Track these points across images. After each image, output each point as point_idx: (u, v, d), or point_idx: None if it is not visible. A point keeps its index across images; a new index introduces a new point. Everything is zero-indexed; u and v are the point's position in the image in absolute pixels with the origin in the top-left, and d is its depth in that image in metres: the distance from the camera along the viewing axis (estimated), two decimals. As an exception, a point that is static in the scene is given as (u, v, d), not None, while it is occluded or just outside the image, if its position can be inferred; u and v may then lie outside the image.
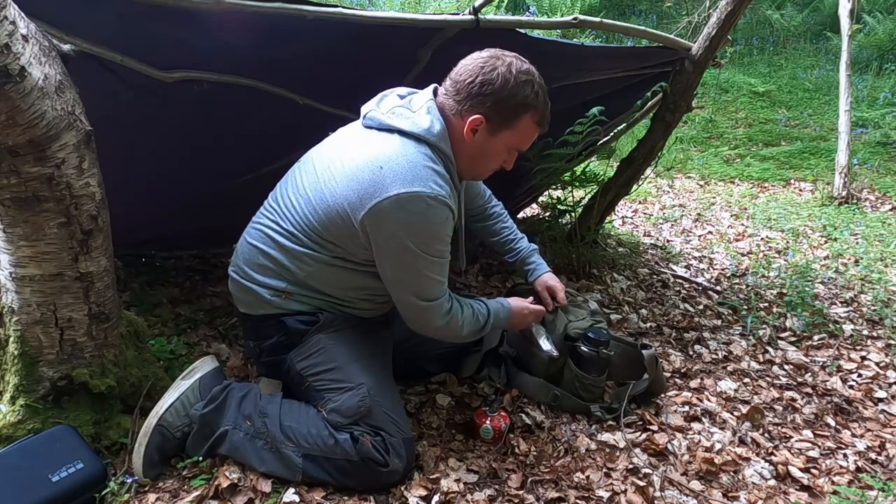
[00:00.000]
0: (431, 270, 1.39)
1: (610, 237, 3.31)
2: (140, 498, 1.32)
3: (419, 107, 1.40)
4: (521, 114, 1.38)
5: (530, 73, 1.37)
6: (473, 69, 1.36)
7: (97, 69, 1.42)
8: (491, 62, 1.35)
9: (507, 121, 1.38)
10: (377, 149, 1.35)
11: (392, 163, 1.31)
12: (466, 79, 1.36)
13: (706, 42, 2.22)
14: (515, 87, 1.34)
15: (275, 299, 1.48)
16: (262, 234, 1.49)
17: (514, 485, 1.45)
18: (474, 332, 1.56)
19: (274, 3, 1.36)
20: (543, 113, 1.41)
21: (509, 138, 1.42)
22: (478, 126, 1.38)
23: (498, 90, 1.34)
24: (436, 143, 1.36)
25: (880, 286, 2.84)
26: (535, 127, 1.43)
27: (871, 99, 6.72)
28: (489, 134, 1.40)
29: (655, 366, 1.77)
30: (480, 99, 1.35)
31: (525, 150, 1.49)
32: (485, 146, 1.42)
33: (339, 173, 1.37)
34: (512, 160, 1.50)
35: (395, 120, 1.37)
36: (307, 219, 1.42)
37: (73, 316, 1.36)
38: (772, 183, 5.33)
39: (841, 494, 1.47)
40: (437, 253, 1.38)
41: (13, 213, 1.24)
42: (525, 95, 1.35)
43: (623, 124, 2.82)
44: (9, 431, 1.34)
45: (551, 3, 7.91)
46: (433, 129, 1.36)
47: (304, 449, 1.37)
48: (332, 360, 1.46)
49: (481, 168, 1.49)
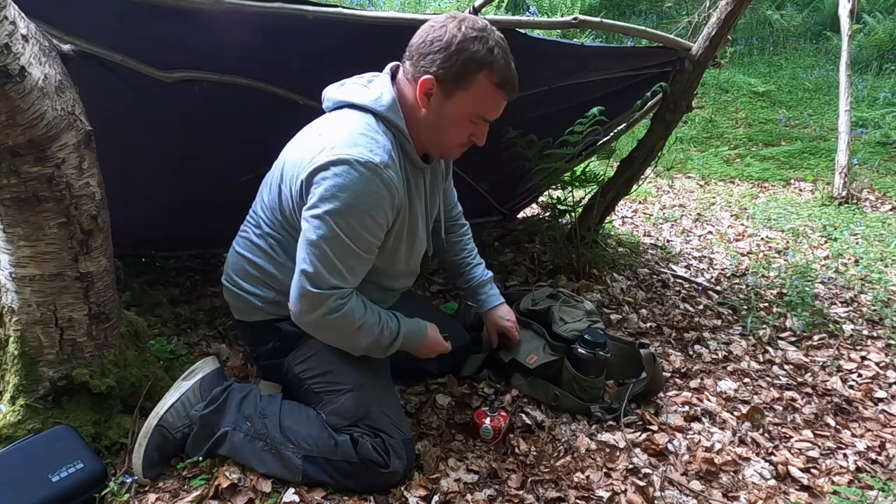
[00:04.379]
0: (335, 250, 1.26)
1: (610, 237, 3.31)
2: (140, 498, 1.32)
3: (374, 83, 1.37)
4: (474, 71, 1.26)
5: (485, 30, 1.27)
6: (426, 28, 1.29)
7: (97, 69, 1.42)
8: (442, 20, 1.28)
9: (459, 80, 1.27)
10: (322, 124, 1.35)
11: (330, 132, 1.29)
12: (418, 39, 1.29)
13: (706, 42, 2.22)
14: (464, 42, 1.24)
15: (266, 306, 1.49)
16: (247, 242, 1.50)
17: (514, 485, 1.45)
18: (376, 347, 1.42)
19: (274, 3, 1.36)
20: (503, 74, 1.28)
21: (468, 102, 1.30)
22: (430, 89, 1.29)
23: (445, 46, 1.25)
24: (383, 112, 1.31)
25: (880, 286, 2.84)
26: (495, 90, 1.30)
27: (871, 99, 6.72)
28: (443, 97, 1.30)
29: (653, 363, 1.77)
30: (431, 58, 1.26)
31: (492, 119, 1.36)
32: (441, 111, 1.32)
33: (289, 159, 1.37)
34: (481, 133, 1.38)
35: (346, 94, 1.35)
36: (276, 216, 1.41)
37: (73, 316, 1.36)
38: (772, 183, 5.32)
39: (841, 494, 1.47)
40: (350, 232, 1.26)
41: (13, 213, 1.24)
42: (475, 51, 1.24)
43: (623, 124, 2.82)
44: (9, 431, 1.34)
45: (551, 3, 7.91)
46: (381, 100, 1.31)
47: (303, 450, 1.37)
48: (328, 363, 1.46)
49: (443, 139, 1.38)
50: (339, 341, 1.42)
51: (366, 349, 1.43)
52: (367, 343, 1.40)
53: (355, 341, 1.40)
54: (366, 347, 1.42)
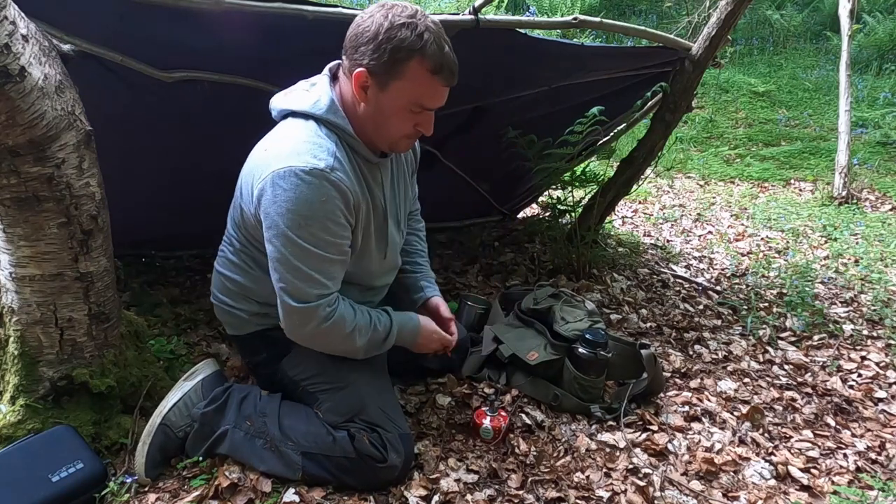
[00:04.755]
0: (306, 262, 1.26)
1: (610, 237, 3.31)
2: (140, 498, 1.32)
3: (315, 86, 1.35)
4: (405, 60, 1.22)
5: (415, 16, 1.22)
6: (356, 21, 1.25)
7: (97, 69, 1.42)
8: (371, 10, 1.23)
9: (391, 70, 1.23)
10: (268, 136, 1.35)
11: (274, 144, 1.29)
12: (350, 33, 1.26)
13: (706, 42, 2.22)
14: (391, 31, 1.20)
15: (254, 318, 1.51)
16: (224, 260, 1.53)
17: (514, 485, 1.45)
18: (373, 345, 1.42)
19: (274, 3, 1.36)
20: (437, 59, 1.22)
21: (404, 92, 1.26)
22: (364, 82, 1.25)
23: (373, 36, 1.21)
24: (322, 115, 1.29)
25: (880, 286, 2.84)
26: (431, 77, 1.24)
27: (871, 99, 6.72)
28: (379, 88, 1.26)
29: (654, 364, 1.77)
30: (361, 50, 1.23)
31: (434, 107, 1.32)
32: (379, 103, 1.28)
33: (243, 175, 1.37)
34: (427, 122, 1.33)
35: (289, 103, 1.35)
36: (242, 232, 1.43)
37: (73, 316, 1.36)
38: (772, 183, 5.32)
39: (841, 494, 1.47)
40: (312, 240, 1.25)
41: (13, 213, 1.24)
42: (403, 38, 1.20)
43: (623, 124, 2.82)
44: (9, 431, 1.34)
45: (551, 3, 7.91)
46: (319, 103, 1.30)
47: (302, 447, 1.37)
48: (321, 364, 1.47)
49: (386, 131, 1.33)
50: (337, 348, 1.42)
51: (365, 350, 1.42)
52: (364, 343, 1.40)
53: (352, 344, 1.39)
54: (364, 348, 1.42)
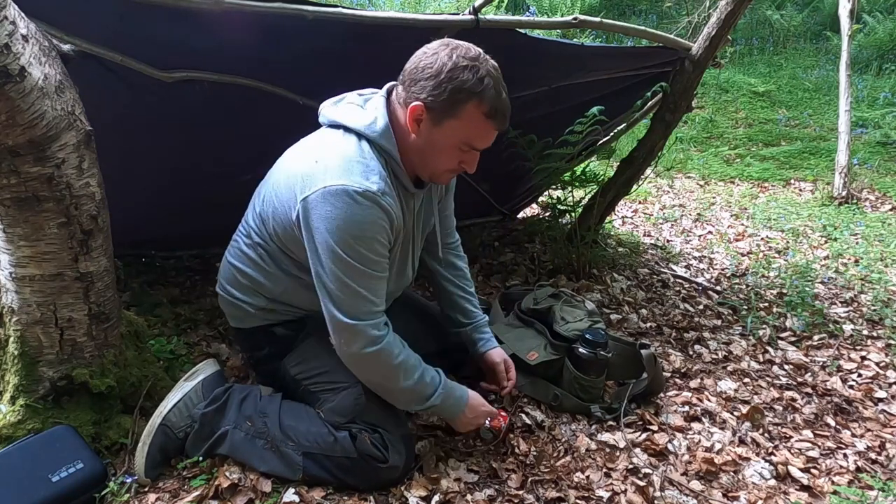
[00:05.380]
0: (355, 280, 1.27)
1: (610, 237, 3.31)
2: (140, 498, 1.32)
3: (371, 104, 1.35)
4: (463, 101, 1.25)
5: (478, 59, 1.25)
6: (419, 54, 1.28)
7: (97, 69, 1.42)
8: (435, 47, 1.27)
9: (448, 108, 1.26)
10: (317, 145, 1.34)
11: (326, 157, 1.28)
12: (411, 65, 1.28)
13: (706, 42, 2.22)
14: (454, 71, 1.23)
15: (259, 313, 1.50)
16: (238, 252, 1.51)
17: (514, 485, 1.45)
18: (414, 395, 1.39)
19: (274, 3, 1.36)
20: (493, 104, 1.26)
21: (457, 131, 1.29)
22: (420, 116, 1.28)
23: (436, 74, 1.23)
24: (376, 139, 1.30)
25: (880, 286, 2.84)
26: (485, 120, 1.28)
27: (871, 99, 6.72)
28: (433, 123, 1.28)
29: (654, 364, 1.77)
30: (421, 85, 1.25)
31: (482, 148, 1.35)
32: (430, 138, 1.30)
33: (283, 175, 1.36)
34: (472, 161, 1.37)
35: (341, 116, 1.34)
36: (268, 227, 1.41)
37: (73, 316, 1.36)
38: (772, 183, 5.32)
39: (841, 494, 1.47)
40: (361, 258, 1.27)
41: (13, 213, 1.24)
42: (464, 80, 1.23)
43: (623, 124, 2.82)
44: (9, 431, 1.34)
45: (551, 3, 7.91)
46: (375, 126, 1.31)
47: (303, 447, 1.37)
48: (324, 364, 1.46)
49: (432, 165, 1.36)
50: (380, 381, 1.39)
51: (407, 395, 1.40)
52: (408, 385, 1.37)
53: (396, 382, 1.36)
54: (407, 392, 1.38)
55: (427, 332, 1.72)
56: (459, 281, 1.73)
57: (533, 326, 1.89)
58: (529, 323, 1.91)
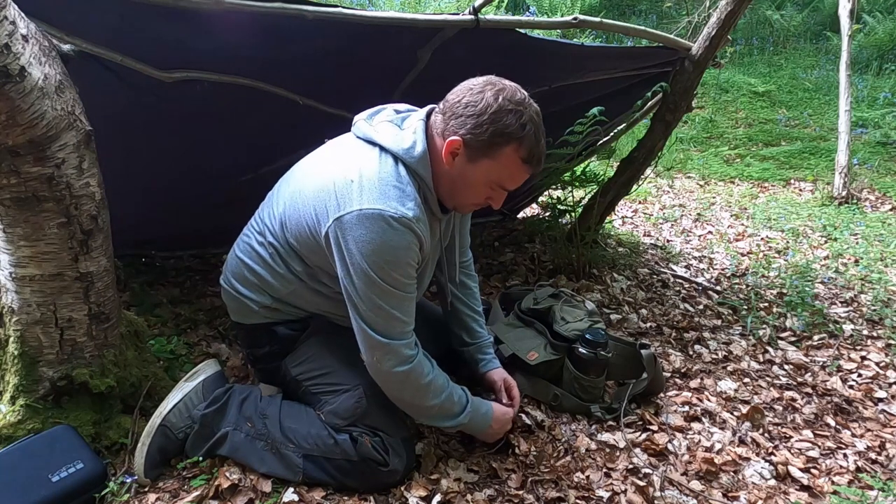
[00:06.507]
0: (388, 302, 1.28)
1: (610, 237, 3.31)
2: (140, 498, 1.32)
3: (409, 125, 1.34)
4: (503, 144, 1.25)
5: (523, 104, 1.25)
6: (464, 89, 1.28)
7: (97, 69, 1.42)
8: (482, 84, 1.27)
9: (486, 149, 1.26)
10: (352, 161, 1.31)
11: (363, 177, 1.25)
12: (454, 98, 1.28)
13: (706, 42, 2.22)
14: (498, 114, 1.23)
15: (262, 310, 1.49)
16: (248, 248, 1.50)
17: (514, 485, 1.45)
18: (442, 413, 1.41)
19: (274, 3, 1.36)
20: (531, 150, 1.27)
21: (491, 170, 1.29)
22: (456, 150, 1.28)
23: (479, 113, 1.24)
24: (413, 164, 1.29)
25: (880, 286, 2.84)
26: (521, 164, 1.29)
27: (871, 99, 6.72)
28: (467, 160, 1.29)
29: (654, 364, 1.77)
30: (462, 120, 1.26)
31: (512, 189, 1.36)
32: (463, 173, 1.30)
33: (312, 183, 1.35)
34: (499, 199, 1.37)
35: (379, 135, 1.32)
36: (285, 230, 1.40)
37: (73, 316, 1.36)
38: (772, 183, 5.33)
39: (841, 494, 1.47)
40: (393, 282, 1.27)
41: (13, 213, 1.24)
42: (507, 124, 1.23)
43: (623, 124, 2.82)
44: (9, 431, 1.34)
45: (551, 3, 7.91)
46: (413, 151, 1.29)
47: (304, 449, 1.37)
48: (325, 365, 1.47)
49: (459, 197, 1.37)
50: (408, 399, 1.40)
51: (434, 413, 1.41)
52: (436, 403, 1.39)
53: (423, 400, 1.38)
54: (435, 410, 1.40)
55: (428, 335, 1.71)
56: (469, 300, 1.74)
57: (533, 326, 1.89)
58: (529, 323, 1.91)
